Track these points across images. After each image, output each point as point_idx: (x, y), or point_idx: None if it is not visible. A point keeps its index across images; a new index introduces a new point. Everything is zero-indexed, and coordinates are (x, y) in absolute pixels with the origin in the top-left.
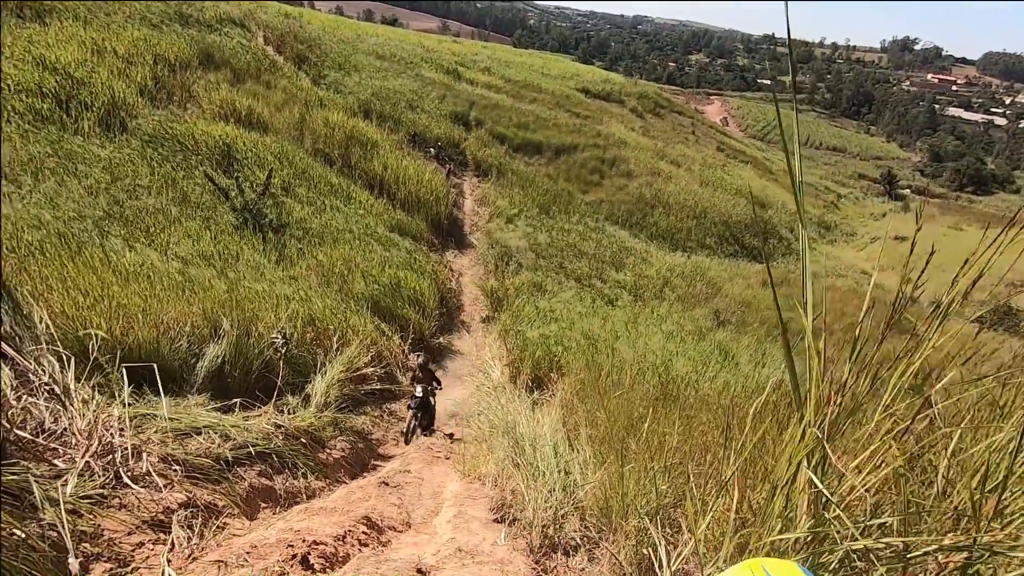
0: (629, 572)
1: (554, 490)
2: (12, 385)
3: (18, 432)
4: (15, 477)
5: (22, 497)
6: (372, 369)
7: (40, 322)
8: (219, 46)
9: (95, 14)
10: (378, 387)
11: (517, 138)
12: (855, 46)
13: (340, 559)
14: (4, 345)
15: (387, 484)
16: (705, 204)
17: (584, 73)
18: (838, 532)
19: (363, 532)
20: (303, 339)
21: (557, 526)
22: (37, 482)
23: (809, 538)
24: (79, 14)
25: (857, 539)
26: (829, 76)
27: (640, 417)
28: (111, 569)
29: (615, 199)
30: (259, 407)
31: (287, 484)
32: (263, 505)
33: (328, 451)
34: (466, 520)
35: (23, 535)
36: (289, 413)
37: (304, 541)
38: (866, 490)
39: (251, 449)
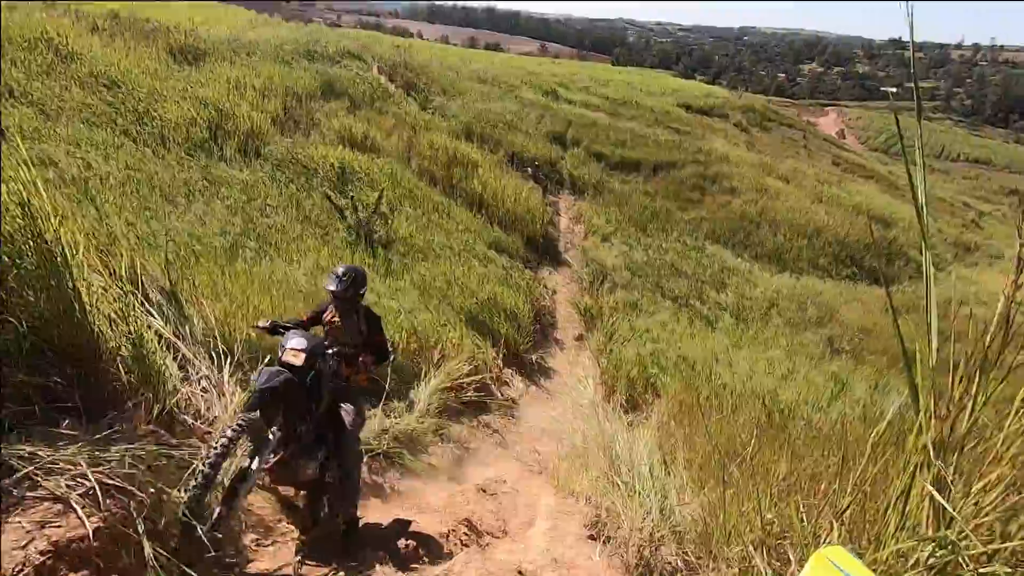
0: None
1: (651, 511)
2: (177, 376)
3: (183, 416)
4: (189, 451)
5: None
6: (469, 380)
7: (197, 323)
8: (339, 77)
9: (238, 55)
10: (474, 398)
11: (614, 156)
12: (1003, 46)
13: (445, 554)
14: (176, 340)
15: (485, 492)
16: (818, 222)
17: (685, 88)
18: (963, 552)
19: (464, 533)
20: (407, 349)
21: (654, 548)
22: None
23: (929, 559)
24: (225, 55)
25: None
26: (969, 80)
27: (743, 444)
28: (256, 539)
29: (717, 217)
30: (368, 409)
31: (393, 483)
32: (373, 499)
33: (429, 455)
34: (561, 534)
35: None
36: (395, 417)
37: (415, 533)
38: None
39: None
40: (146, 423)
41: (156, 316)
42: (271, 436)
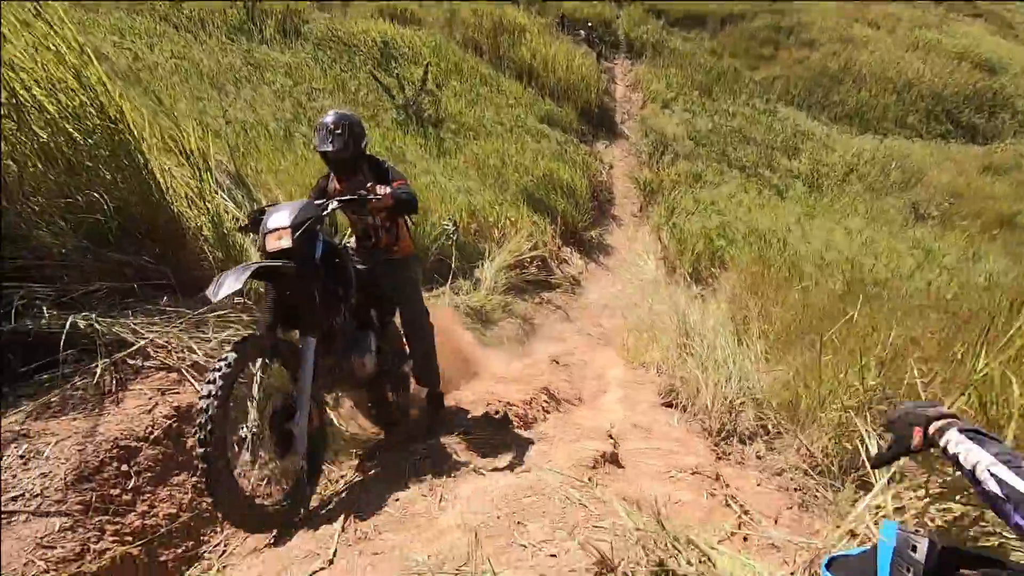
0: (824, 463)
1: (729, 379)
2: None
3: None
4: None
5: None
6: (530, 257)
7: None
8: None
9: None
10: (538, 276)
11: (675, 10)
12: None
13: (529, 420)
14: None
15: (557, 362)
16: (911, 74)
17: None
18: None
19: (544, 400)
20: (467, 230)
21: (734, 415)
22: None
23: None
24: None
25: None
26: None
27: (826, 313)
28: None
29: (792, 74)
30: (436, 288)
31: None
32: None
33: (499, 329)
34: (634, 402)
35: None
36: (464, 294)
37: (500, 401)
38: None
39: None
40: (236, 300)
41: (228, 200)
42: (306, 350)
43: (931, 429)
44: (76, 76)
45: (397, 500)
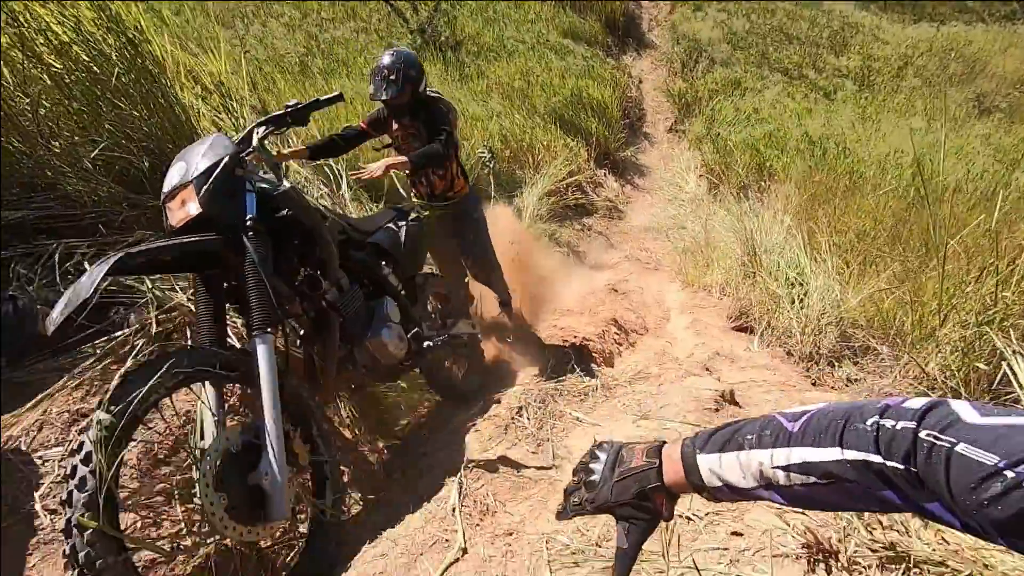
0: (945, 385)
1: (806, 296)
2: None
3: None
4: None
5: None
6: (566, 183)
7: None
8: None
9: None
10: (578, 201)
11: None
12: None
13: (606, 355)
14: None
15: (616, 291)
16: None
17: None
18: None
19: (615, 332)
20: (501, 156)
21: (820, 336)
22: None
23: None
24: None
25: None
26: None
27: (912, 220)
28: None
29: None
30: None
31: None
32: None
33: (548, 260)
34: (704, 327)
35: None
36: None
37: (575, 336)
38: None
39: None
40: None
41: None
42: (262, 354)
43: (668, 481)
44: None
45: (506, 460)
